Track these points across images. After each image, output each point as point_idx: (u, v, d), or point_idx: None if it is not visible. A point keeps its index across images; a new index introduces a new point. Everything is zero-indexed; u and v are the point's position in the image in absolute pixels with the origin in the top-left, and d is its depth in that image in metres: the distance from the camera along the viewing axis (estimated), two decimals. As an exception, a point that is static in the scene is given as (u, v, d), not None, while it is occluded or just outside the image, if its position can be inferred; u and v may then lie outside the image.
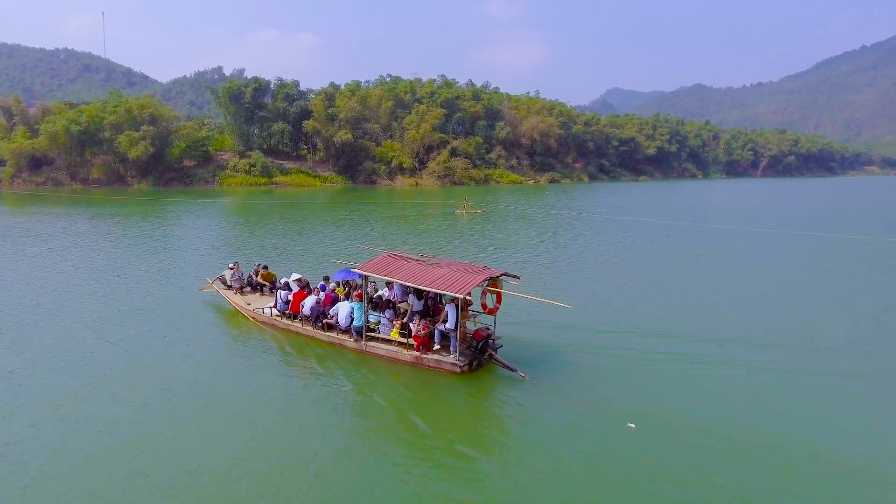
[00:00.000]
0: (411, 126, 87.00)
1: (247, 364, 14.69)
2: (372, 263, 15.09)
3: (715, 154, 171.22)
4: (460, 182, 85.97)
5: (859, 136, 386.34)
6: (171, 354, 15.10)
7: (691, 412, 12.02)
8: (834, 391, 13.45)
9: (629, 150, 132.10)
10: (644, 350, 15.77)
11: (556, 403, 12.30)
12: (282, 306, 17.23)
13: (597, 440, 10.88)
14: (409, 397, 12.98)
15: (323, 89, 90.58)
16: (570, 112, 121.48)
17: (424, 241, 34.27)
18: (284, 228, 39.05)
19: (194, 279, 23.07)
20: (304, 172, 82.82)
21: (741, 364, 14.89)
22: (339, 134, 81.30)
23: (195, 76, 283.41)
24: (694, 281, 24.78)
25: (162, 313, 18.63)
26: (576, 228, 41.67)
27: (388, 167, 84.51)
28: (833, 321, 18.99)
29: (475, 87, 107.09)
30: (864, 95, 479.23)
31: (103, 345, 15.64)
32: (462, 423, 11.84)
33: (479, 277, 13.81)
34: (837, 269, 28.24)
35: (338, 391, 13.22)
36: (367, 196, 67.40)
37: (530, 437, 11.02)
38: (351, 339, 15.39)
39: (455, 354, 13.93)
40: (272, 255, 27.71)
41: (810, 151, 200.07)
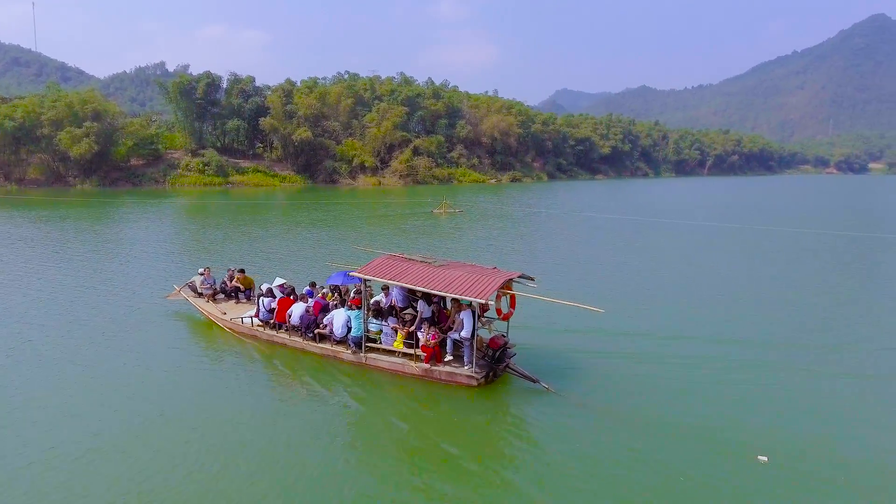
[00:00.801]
0: (372, 124, 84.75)
1: (227, 381, 12.92)
2: (372, 266, 13.48)
3: (665, 153, 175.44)
4: (423, 181, 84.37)
5: (792, 136, 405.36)
6: (137, 373, 13.13)
7: (735, 425, 11.00)
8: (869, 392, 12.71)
9: (585, 150, 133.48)
10: (673, 354, 14.78)
11: (585, 417, 11.15)
12: (265, 315, 15.38)
13: (635, 458, 9.72)
14: (420, 414, 11.58)
15: (280, 85, 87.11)
16: (529, 111, 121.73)
17: (413, 241, 32.71)
18: (254, 231, 36.46)
19: (157, 287, 20.81)
20: (262, 172, 79.30)
21: (786, 366, 14.04)
22: (297, 132, 78.20)
23: (136, 72, 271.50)
24: (717, 280, 23.98)
25: (123, 326, 16.48)
26: (566, 228, 40.69)
27: (350, 166, 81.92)
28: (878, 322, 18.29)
29: (435, 85, 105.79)
30: (796, 98, 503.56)
31: (49, 368, 13.42)
32: (485, 442, 10.54)
33: (499, 279, 12.43)
34: (846, 266, 28.26)
35: (336, 409, 11.67)
36: (331, 196, 64.85)
37: (565, 455, 9.80)
38: (348, 350, 13.77)
39: (470, 366, 12.52)
40: (247, 260, 25.47)
41: (752, 151, 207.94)
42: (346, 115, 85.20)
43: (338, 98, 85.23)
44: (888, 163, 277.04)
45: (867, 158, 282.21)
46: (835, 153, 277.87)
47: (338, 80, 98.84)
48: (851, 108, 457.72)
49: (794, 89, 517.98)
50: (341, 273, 14.89)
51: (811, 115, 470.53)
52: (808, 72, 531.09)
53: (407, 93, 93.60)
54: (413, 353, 12.98)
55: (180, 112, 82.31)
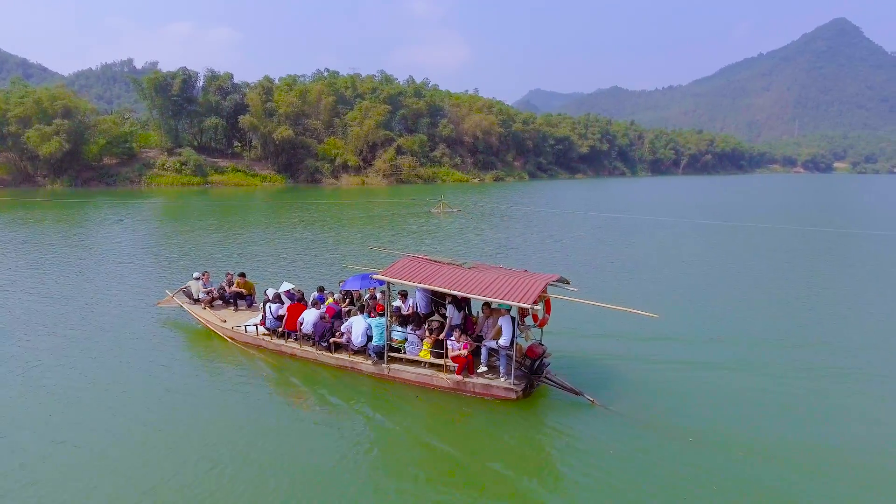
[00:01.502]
0: (355, 123, 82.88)
1: (233, 396, 11.62)
2: (397, 268, 12.26)
3: (641, 153, 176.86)
4: (407, 181, 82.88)
5: (760, 136, 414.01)
6: (131, 391, 11.73)
7: (812, 441, 10.06)
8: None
9: (564, 149, 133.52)
10: (726, 359, 13.84)
11: (636, 432, 10.16)
12: (272, 323, 14.04)
13: (695, 478, 8.80)
14: (453, 430, 10.48)
15: (259, 83, 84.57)
16: (510, 110, 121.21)
17: (421, 242, 31.36)
18: (247, 232, 34.54)
19: (145, 293, 19.27)
20: (242, 171, 76.80)
21: (852, 373, 13.16)
22: (278, 130, 75.88)
23: (102, 69, 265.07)
24: (761, 281, 23.15)
25: (111, 337, 14.97)
26: (576, 227, 39.70)
27: (332, 165, 79.92)
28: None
29: (416, 83, 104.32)
30: (762, 99, 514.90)
31: (31, 386, 11.91)
32: (529, 461, 9.50)
33: (541, 282, 11.32)
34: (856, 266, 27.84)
35: (359, 425, 10.53)
36: (317, 196, 62.89)
37: (621, 477, 8.81)
38: (368, 361, 12.54)
39: (508, 377, 11.40)
40: (243, 264, 23.84)
41: (724, 151, 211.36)
42: (327, 114, 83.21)
43: (318, 96, 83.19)
44: (852, 162, 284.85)
45: (832, 158, 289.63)
46: (802, 153, 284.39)
47: (318, 77, 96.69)
48: (815, 108, 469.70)
49: (760, 90, 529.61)
50: (360, 276, 13.58)
51: (777, 115, 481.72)
52: (773, 73, 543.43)
53: (389, 91, 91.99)
54: (443, 363, 11.82)
55: (155, 109, 79.33)
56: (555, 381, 11.81)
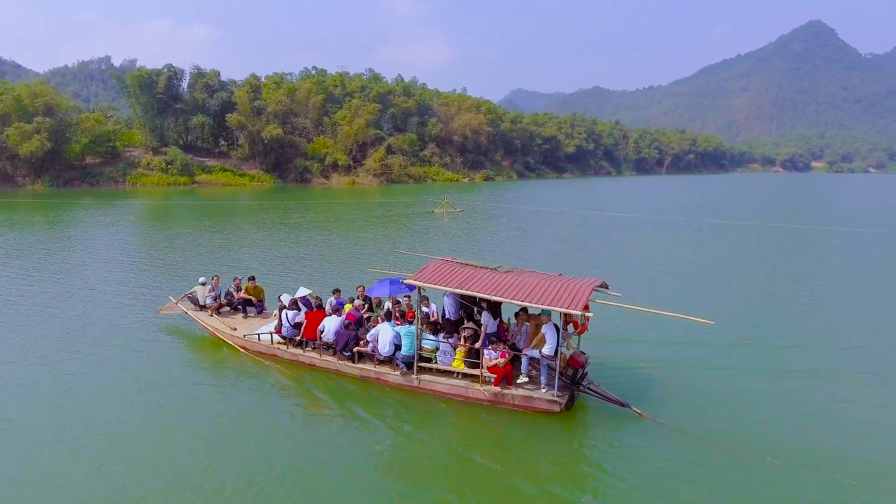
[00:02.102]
0: (344, 121, 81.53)
1: (250, 410, 10.78)
2: (429, 272, 11.45)
3: (625, 153, 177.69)
4: (398, 180, 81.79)
5: (738, 136, 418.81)
6: (137, 404, 10.82)
7: (886, 458, 9.44)
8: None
9: (551, 148, 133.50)
10: (782, 365, 13.24)
11: (692, 447, 9.49)
12: (289, 331, 13.14)
13: (760, 495, 8.21)
14: (494, 446, 9.71)
15: (246, 80, 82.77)
16: (498, 110, 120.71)
17: (433, 243, 30.63)
18: (248, 234, 33.12)
19: (145, 299, 18.17)
20: (229, 171, 75.01)
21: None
22: (267, 129, 74.23)
23: (78, 66, 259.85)
24: (797, 281, 22.64)
25: (113, 346, 14.01)
26: (587, 227, 39.25)
27: (322, 165, 78.48)
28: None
29: (404, 82, 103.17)
30: (740, 99, 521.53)
31: (31, 402, 10.90)
32: (581, 478, 8.80)
33: (588, 287, 10.59)
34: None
35: (391, 441, 9.80)
36: (311, 196, 61.55)
37: (677, 495, 8.18)
38: (395, 371, 11.70)
39: (551, 388, 10.66)
40: (248, 268, 22.82)
41: (707, 150, 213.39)
42: (316, 112, 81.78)
43: (307, 94, 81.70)
44: (829, 161, 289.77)
45: (810, 157, 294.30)
46: (780, 152, 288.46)
47: (305, 75, 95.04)
48: (792, 109, 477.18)
49: (738, 91, 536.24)
50: (388, 281, 12.68)
51: (755, 115, 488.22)
52: (751, 74, 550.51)
53: (378, 90, 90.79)
54: (479, 374, 11.04)
55: (139, 107, 77.18)
56: (598, 391, 11.09)
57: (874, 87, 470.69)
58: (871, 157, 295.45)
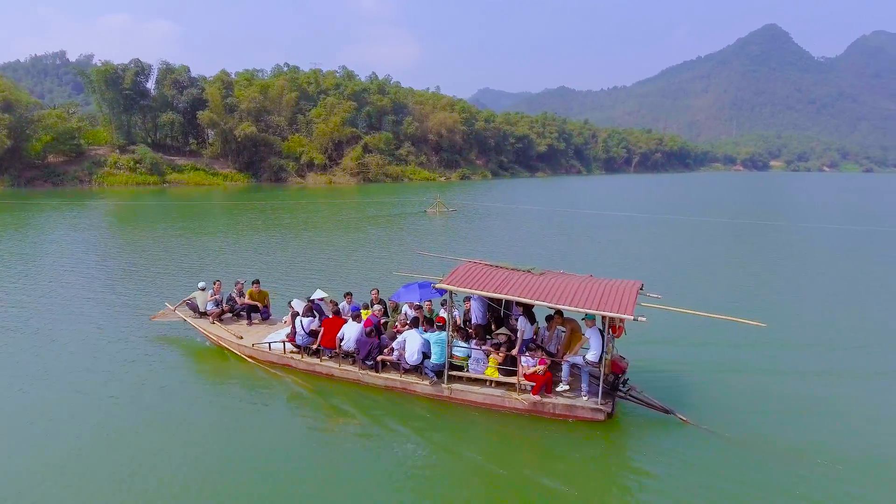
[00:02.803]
0: (319, 119, 79.76)
1: (265, 425, 10.00)
2: (460, 276, 10.79)
3: (595, 152, 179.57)
4: (375, 179, 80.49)
5: (700, 135, 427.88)
6: (141, 422, 9.94)
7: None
8: None
9: (523, 148, 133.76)
10: (827, 370, 12.92)
11: (742, 454, 9.13)
12: (304, 339, 12.29)
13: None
14: (539, 457, 9.24)
15: (217, 76, 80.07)
16: (472, 109, 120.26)
17: (438, 244, 29.87)
18: (240, 236, 31.36)
19: (132, 305, 17.00)
20: (201, 170, 72.38)
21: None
22: (240, 127, 71.94)
23: (31, 61, 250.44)
24: (840, 281, 22.55)
25: (106, 357, 12.91)
26: (589, 226, 39.07)
27: (298, 164, 76.57)
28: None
29: (378, 80, 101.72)
30: (701, 100, 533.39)
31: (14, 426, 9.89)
32: (629, 490, 8.38)
33: (633, 290, 10.09)
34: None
35: (425, 454, 9.23)
36: (292, 196, 59.64)
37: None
38: (423, 381, 11.01)
39: (594, 396, 10.16)
40: (248, 271, 21.67)
41: (672, 149, 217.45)
42: (290, 110, 79.81)
43: (281, 91, 79.62)
44: (786, 160, 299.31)
45: (768, 157, 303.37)
46: (741, 152, 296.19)
47: (277, 72, 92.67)
48: (750, 110, 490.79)
49: (699, 92, 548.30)
50: (417, 285, 11.92)
51: (715, 116, 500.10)
52: (711, 76, 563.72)
53: (353, 87, 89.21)
54: (517, 382, 10.44)
55: (105, 104, 73.83)
56: (641, 398, 10.63)
57: (826, 89, 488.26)
58: (826, 157, 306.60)
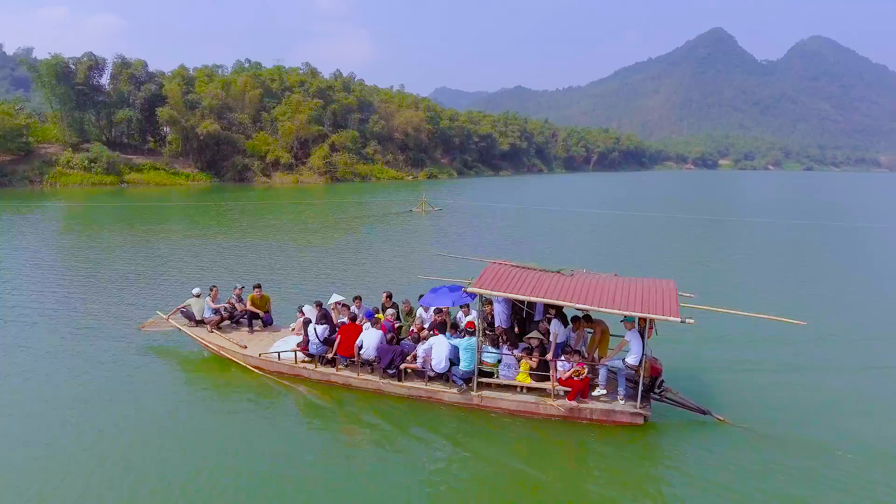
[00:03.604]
0: (284, 117, 77.53)
1: (282, 440, 9.41)
2: (489, 278, 10.32)
3: (555, 150, 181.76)
4: (343, 179, 78.80)
5: (651, 135, 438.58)
6: (148, 443, 9.12)
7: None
8: None
9: (487, 146, 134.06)
10: (865, 365, 12.95)
11: (784, 453, 9.00)
12: (317, 348, 11.56)
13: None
14: (579, 464, 9.03)
15: (177, 71, 76.70)
16: (436, 107, 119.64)
17: (427, 242, 29.36)
18: (224, 240, 29.64)
19: (115, 315, 15.82)
20: (161, 169, 69.17)
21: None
22: (203, 125, 69.15)
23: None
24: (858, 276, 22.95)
25: (94, 373, 11.89)
26: (570, 222, 39.22)
27: (263, 163, 74.18)
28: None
29: (343, 77, 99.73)
30: (652, 101, 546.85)
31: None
32: (672, 494, 8.09)
33: (672, 290, 9.84)
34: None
35: (457, 463, 8.85)
36: (262, 196, 57.61)
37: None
38: (451, 388, 10.48)
39: (632, 400, 9.88)
40: (240, 276, 20.55)
41: (629, 148, 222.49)
42: (253, 108, 77.31)
43: (243, 88, 76.97)
44: (734, 159, 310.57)
45: (717, 155, 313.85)
46: (691, 151, 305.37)
47: (238, 68, 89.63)
48: (699, 111, 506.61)
49: (650, 93, 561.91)
50: (448, 288, 11.30)
51: (666, 116, 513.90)
52: (661, 77, 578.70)
53: (318, 85, 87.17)
54: (552, 388, 10.03)
55: (55, 99, 69.69)
56: (677, 399, 10.38)
57: (769, 90, 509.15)
58: (770, 156, 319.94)
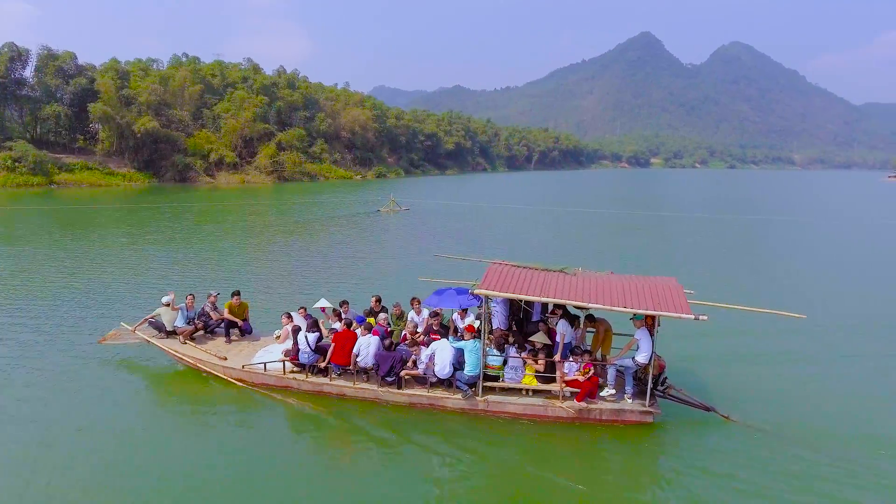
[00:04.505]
0: (228, 115, 74.08)
1: (278, 458, 8.74)
2: (493, 279, 10.00)
3: (498, 150, 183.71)
4: (291, 178, 76.15)
5: (586, 135, 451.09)
6: (126, 471, 8.21)
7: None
8: None
9: (432, 145, 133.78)
10: (862, 354, 13.25)
11: (789, 450, 9.03)
12: (309, 358, 10.85)
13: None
14: (588, 465, 8.79)
15: (109, 64, 71.42)
16: (382, 105, 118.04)
17: (401, 243, 28.82)
18: (167, 244, 27.75)
19: (69, 328, 14.40)
20: (95, 169, 64.28)
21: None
22: (140, 121, 64.87)
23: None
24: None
25: (47, 399, 10.60)
26: (535, 220, 39.56)
27: (206, 162, 70.53)
28: None
29: (287, 73, 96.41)
30: (587, 101, 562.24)
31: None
32: (686, 493, 8.01)
33: (678, 288, 9.81)
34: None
35: (470, 473, 8.46)
36: (205, 197, 54.50)
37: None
38: (454, 394, 10.08)
39: (640, 398, 9.78)
40: (211, 282, 19.15)
41: (568, 148, 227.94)
42: (193, 104, 73.46)
43: (182, 83, 72.90)
44: (664, 158, 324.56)
45: (649, 154, 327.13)
46: (625, 150, 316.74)
47: (175, 62, 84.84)
48: (630, 111, 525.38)
49: (584, 94, 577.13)
50: (454, 290, 10.77)
51: (600, 116, 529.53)
52: (595, 79, 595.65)
53: (262, 81, 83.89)
54: (560, 389, 9.79)
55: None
56: (680, 397, 10.35)
57: (694, 93, 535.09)
58: (697, 155, 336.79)
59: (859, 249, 30.53)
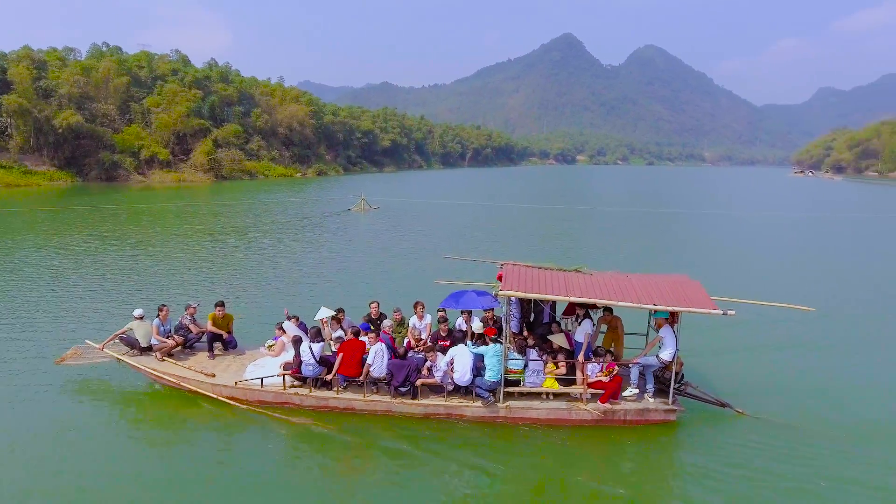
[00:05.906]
0: (159, 109, 68.97)
1: (291, 483, 7.97)
2: (514, 280, 9.55)
3: (433, 147, 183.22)
4: (230, 177, 71.96)
5: (514, 133, 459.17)
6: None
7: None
8: None
9: (369, 142, 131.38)
10: (871, 345, 13.57)
11: (805, 442, 9.08)
12: (313, 370, 9.90)
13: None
14: (610, 467, 8.49)
15: (23, 52, 64.23)
16: (318, 101, 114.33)
17: (382, 244, 27.40)
18: (145, 248, 25.29)
19: (16, 352, 12.56)
20: (9, 168, 57.95)
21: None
22: (61, 116, 58.93)
23: None
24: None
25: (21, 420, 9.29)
26: (512, 218, 39.65)
27: (136, 160, 65.29)
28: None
29: (218, 66, 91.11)
30: (513, 100, 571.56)
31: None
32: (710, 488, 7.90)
33: (698, 284, 9.69)
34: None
35: (500, 485, 8.00)
36: (137, 198, 50.01)
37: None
38: (474, 402, 9.52)
39: (663, 396, 9.58)
40: (162, 295, 17.24)
41: (500, 145, 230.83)
42: (119, 97, 67.82)
43: (107, 74, 67.00)
44: (589, 155, 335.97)
45: (575, 151, 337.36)
46: (552, 147, 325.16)
47: (96, 52, 77.86)
48: (555, 110, 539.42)
49: (511, 92, 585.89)
50: (475, 292, 10.05)
51: (526, 114, 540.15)
52: (521, 77, 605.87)
53: (194, 74, 78.73)
54: (583, 391, 9.42)
55: None
56: (696, 393, 10.24)
57: (614, 93, 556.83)
58: (618, 152, 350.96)
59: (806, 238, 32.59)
